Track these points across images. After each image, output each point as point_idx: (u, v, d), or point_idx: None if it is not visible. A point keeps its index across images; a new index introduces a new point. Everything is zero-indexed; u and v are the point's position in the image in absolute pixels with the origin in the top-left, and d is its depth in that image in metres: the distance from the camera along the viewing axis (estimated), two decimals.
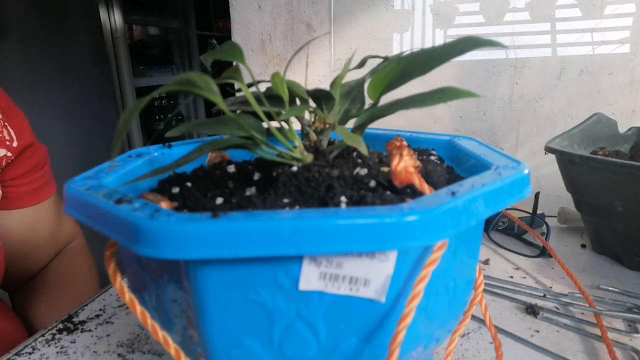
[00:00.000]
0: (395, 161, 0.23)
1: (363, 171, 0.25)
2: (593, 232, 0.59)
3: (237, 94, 0.30)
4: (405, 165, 0.23)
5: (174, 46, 2.77)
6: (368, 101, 0.29)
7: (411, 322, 0.21)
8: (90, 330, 0.43)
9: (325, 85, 0.30)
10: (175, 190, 0.26)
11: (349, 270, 0.20)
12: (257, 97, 0.27)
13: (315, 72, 0.87)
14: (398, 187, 0.23)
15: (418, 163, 0.24)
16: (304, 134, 0.30)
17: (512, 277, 0.53)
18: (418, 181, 0.23)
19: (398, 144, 0.28)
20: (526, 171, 0.24)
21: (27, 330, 0.55)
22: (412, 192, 0.23)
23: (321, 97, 0.28)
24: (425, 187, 0.22)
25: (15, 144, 0.54)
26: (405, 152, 0.24)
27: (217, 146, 0.26)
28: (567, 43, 0.76)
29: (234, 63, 0.26)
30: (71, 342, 0.41)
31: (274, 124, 0.27)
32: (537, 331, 0.42)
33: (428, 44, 0.83)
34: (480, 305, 0.30)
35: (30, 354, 0.40)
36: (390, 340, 0.21)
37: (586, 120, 0.63)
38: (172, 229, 0.18)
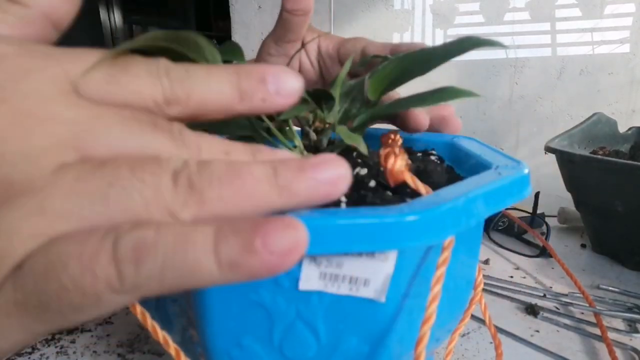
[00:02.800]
0: (391, 160, 0.23)
1: (363, 171, 0.25)
2: (593, 232, 0.59)
3: None
4: (400, 163, 0.23)
5: None
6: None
7: (433, 322, 0.21)
8: (90, 330, 0.43)
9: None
10: None
11: (349, 270, 0.20)
12: None
13: None
14: (392, 186, 0.23)
15: (409, 161, 0.24)
16: (304, 134, 0.29)
17: (512, 277, 0.53)
18: (410, 179, 0.22)
19: (393, 136, 0.28)
20: (526, 171, 0.24)
21: None
22: (412, 192, 0.23)
23: (321, 97, 0.28)
24: (420, 185, 0.22)
25: None
26: (397, 149, 0.23)
27: None
28: (567, 43, 0.76)
29: (234, 63, 0.26)
30: (71, 342, 0.41)
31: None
32: (537, 331, 0.42)
33: (428, 44, 0.83)
34: (480, 305, 0.30)
35: (30, 353, 0.40)
36: (415, 344, 0.21)
37: (586, 120, 0.63)
38: None
